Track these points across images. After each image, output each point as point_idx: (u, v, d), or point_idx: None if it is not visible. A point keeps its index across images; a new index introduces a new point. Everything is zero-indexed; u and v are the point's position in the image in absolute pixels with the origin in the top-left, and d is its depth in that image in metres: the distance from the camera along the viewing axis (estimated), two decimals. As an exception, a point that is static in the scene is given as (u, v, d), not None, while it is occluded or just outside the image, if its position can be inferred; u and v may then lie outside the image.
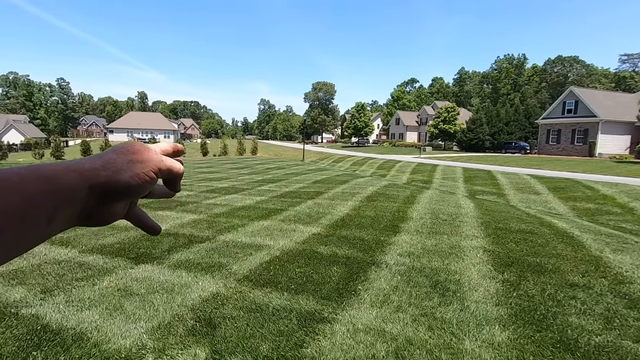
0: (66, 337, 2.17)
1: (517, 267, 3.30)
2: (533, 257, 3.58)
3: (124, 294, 2.77)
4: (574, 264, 3.39)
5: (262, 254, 3.69)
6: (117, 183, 0.31)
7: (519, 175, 14.56)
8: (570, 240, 4.22)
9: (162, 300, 2.66)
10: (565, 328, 2.30)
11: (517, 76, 73.69)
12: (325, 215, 5.45)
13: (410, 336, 2.21)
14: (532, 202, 9.21)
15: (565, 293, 2.79)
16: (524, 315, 2.46)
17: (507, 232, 4.53)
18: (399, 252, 3.74)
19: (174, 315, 2.45)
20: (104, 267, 3.31)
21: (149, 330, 2.26)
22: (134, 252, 3.74)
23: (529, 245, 3.98)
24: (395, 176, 16.17)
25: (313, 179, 10.50)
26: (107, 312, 2.49)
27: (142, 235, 4.39)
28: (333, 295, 2.76)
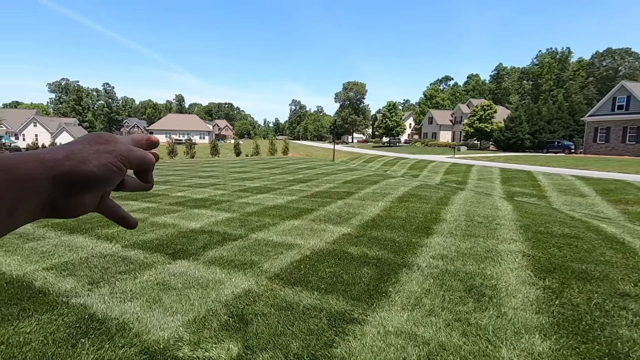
0: (110, 327, 2.31)
1: (560, 274, 3.12)
2: (578, 263, 3.37)
3: (162, 287, 2.91)
4: (625, 272, 3.15)
5: (292, 253, 3.73)
6: (82, 173, 0.31)
7: (562, 176, 13.73)
8: (621, 246, 3.92)
9: (197, 295, 2.76)
10: (615, 341, 2.14)
11: (561, 71, 69.46)
12: (355, 216, 5.42)
13: (443, 341, 2.15)
14: (577, 205, 8.65)
15: (615, 303, 2.60)
16: (567, 325, 2.32)
17: (549, 236, 4.29)
18: (431, 254, 3.65)
19: (209, 310, 2.54)
20: (144, 262, 3.49)
21: (185, 324, 2.36)
22: (172, 248, 3.91)
23: (573, 250, 3.74)
24: (428, 177, 15.78)
25: (343, 179, 10.47)
26: (147, 304, 2.62)
27: (179, 232, 4.59)
28: (363, 296, 2.74)
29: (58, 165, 0.30)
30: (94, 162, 0.31)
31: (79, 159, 0.31)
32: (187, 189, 8.76)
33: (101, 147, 0.33)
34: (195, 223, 5.09)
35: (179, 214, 5.70)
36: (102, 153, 0.32)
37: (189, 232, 4.58)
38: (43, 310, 2.53)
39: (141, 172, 0.37)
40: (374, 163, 24.68)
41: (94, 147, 0.33)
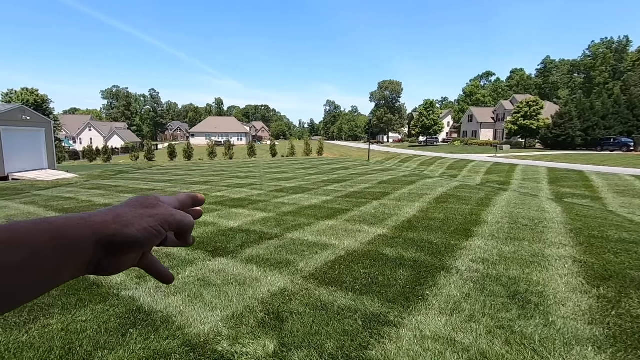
0: (156, 319, 2.45)
1: (616, 282, 2.87)
2: (638, 271, 3.08)
3: (202, 283, 3.04)
4: (695, 282, 2.84)
5: (327, 253, 3.74)
6: (125, 236, 0.33)
7: (620, 176, 12.63)
8: (690, 253, 3.54)
9: (235, 292, 2.85)
10: (682, 358, 1.93)
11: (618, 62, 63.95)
12: (391, 217, 5.34)
13: (484, 349, 2.05)
14: (636, 208, 7.92)
15: (683, 316, 2.35)
16: (625, 337, 2.13)
17: (604, 241, 3.96)
18: (471, 257, 3.50)
19: (246, 307, 2.61)
20: (186, 258, 3.66)
21: (224, 319, 2.44)
22: (212, 246, 4.06)
23: (632, 257, 3.43)
24: (468, 177, 15.16)
25: (378, 180, 10.34)
26: (188, 299, 2.75)
27: (219, 230, 4.76)
28: (399, 298, 2.69)
29: (104, 228, 0.32)
30: (137, 226, 0.34)
31: (124, 222, 0.33)
32: (226, 189, 9.07)
33: (145, 212, 0.35)
34: (234, 222, 5.25)
35: (218, 213, 5.92)
36: (145, 217, 0.35)
37: (227, 231, 4.74)
38: (97, 301, 2.73)
39: (180, 234, 0.39)
40: (410, 163, 24.14)
41: (138, 210, 0.35)
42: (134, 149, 34.69)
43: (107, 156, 34.03)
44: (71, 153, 39.31)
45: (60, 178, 13.63)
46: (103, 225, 0.32)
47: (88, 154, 35.95)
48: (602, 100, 37.70)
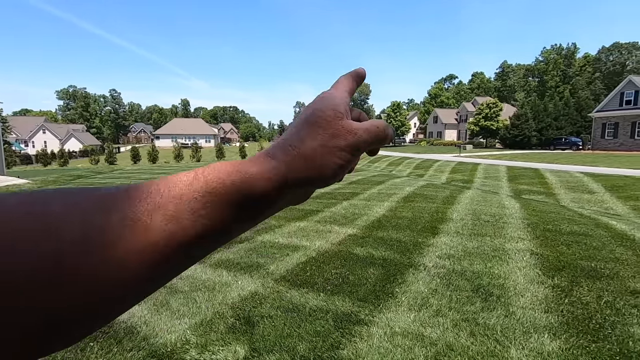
0: (118, 330, 2.33)
1: (569, 272, 3.08)
2: (587, 261, 3.32)
3: (169, 291, 2.93)
4: (636, 269, 3.10)
5: (298, 255, 3.73)
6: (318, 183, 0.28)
7: (571, 173, 13.57)
8: (631, 243, 3.86)
9: (204, 298, 2.78)
10: (626, 339, 2.11)
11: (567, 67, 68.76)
12: (361, 216, 5.41)
13: (450, 342, 2.13)
14: (585, 202, 8.54)
15: (626, 301, 2.56)
16: (577, 323, 2.29)
17: (557, 234, 4.24)
18: (438, 254, 3.62)
19: (215, 313, 2.55)
20: (152, 266, 3.51)
21: (192, 326, 2.37)
22: (178, 252, 3.93)
23: (582, 248, 3.69)
24: (434, 176, 15.69)
25: (348, 180, 10.46)
26: (154, 307, 2.64)
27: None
28: (370, 297, 2.73)
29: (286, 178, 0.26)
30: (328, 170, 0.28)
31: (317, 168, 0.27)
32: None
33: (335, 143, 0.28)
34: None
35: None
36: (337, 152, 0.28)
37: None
38: (53, 314, 2.56)
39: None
40: (379, 163, 24.63)
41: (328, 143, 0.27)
42: (94, 152, 32.96)
43: (64, 160, 32.06)
44: (23, 157, 36.71)
45: (10, 184, 12.67)
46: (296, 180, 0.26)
47: (42, 158, 33.67)
48: (554, 103, 40.39)
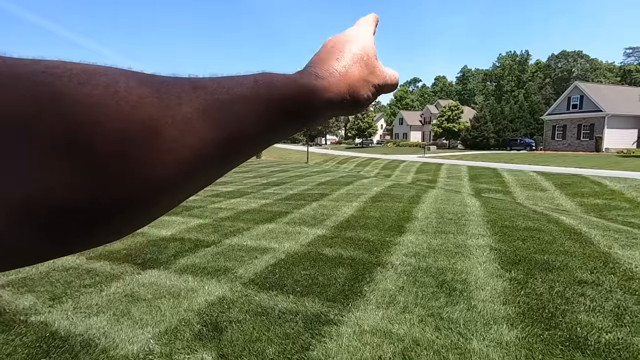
0: (74, 344, 2.19)
1: (524, 265, 3.27)
2: (540, 254, 3.55)
3: (131, 299, 2.79)
4: (583, 260, 3.36)
5: (267, 257, 3.69)
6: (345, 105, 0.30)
7: (525, 172, 14.44)
8: (578, 236, 4.17)
9: (168, 305, 2.67)
10: (575, 326, 2.27)
11: (521, 73, 73.24)
12: (330, 217, 5.45)
13: (417, 337, 2.19)
14: (538, 199, 9.13)
15: (574, 290, 2.76)
16: (532, 313, 2.44)
17: (514, 229, 4.49)
18: (404, 252, 3.72)
19: (181, 320, 2.46)
20: (111, 273, 3.34)
21: (156, 335, 2.27)
22: (141, 258, 3.76)
23: (536, 242, 3.94)
24: (400, 176, 16.12)
25: (317, 181, 10.50)
26: (114, 318, 2.51)
27: (149, 240, 4.43)
28: (339, 297, 2.76)
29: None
30: (363, 95, 0.31)
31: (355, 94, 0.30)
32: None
33: (369, 78, 0.31)
34: (166, 231, 4.93)
35: (148, 222, 5.50)
36: (370, 85, 0.31)
37: (159, 240, 4.43)
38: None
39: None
40: (347, 164, 24.93)
41: (364, 71, 0.31)
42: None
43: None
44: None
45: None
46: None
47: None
48: (510, 106, 42.86)
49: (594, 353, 2.00)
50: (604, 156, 25.14)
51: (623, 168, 16.65)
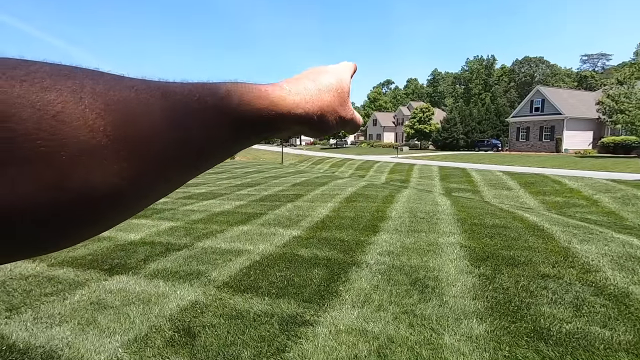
0: (35, 356, 2.07)
1: (492, 261, 3.41)
2: (507, 250, 3.71)
3: (97, 307, 2.67)
4: (545, 255, 3.54)
5: (242, 260, 3.64)
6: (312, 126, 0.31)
7: (492, 172, 15.06)
8: (541, 232, 4.40)
9: (138, 312, 2.57)
10: (538, 318, 2.39)
11: (487, 76, 76.34)
12: (305, 218, 5.44)
13: (391, 334, 2.23)
14: (504, 198, 9.54)
15: (538, 284, 2.90)
16: (499, 307, 2.54)
17: (482, 227, 4.67)
18: (378, 251, 3.78)
19: (151, 327, 2.38)
20: (76, 281, 3.17)
21: (124, 344, 2.18)
22: (108, 263, 3.60)
23: (502, 239, 4.11)
24: (374, 176, 16.37)
25: (292, 182, 10.46)
26: (79, 327, 2.39)
27: (116, 245, 4.25)
28: (315, 297, 2.76)
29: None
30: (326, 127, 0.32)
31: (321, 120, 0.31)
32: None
33: (340, 110, 0.33)
34: (135, 234, 4.74)
35: (116, 226, 5.27)
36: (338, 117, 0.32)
37: (127, 245, 4.26)
38: (-53, 346, 2.18)
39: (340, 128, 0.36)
40: (322, 165, 25.02)
41: (335, 102, 0.32)
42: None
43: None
44: None
45: None
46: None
47: None
48: (477, 108, 44.55)
49: (556, 343, 2.11)
50: (563, 156, 26.68)
51: (580, 168, 17.74)
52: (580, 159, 23.09)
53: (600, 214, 7.30)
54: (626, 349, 2.02)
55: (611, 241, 3.98)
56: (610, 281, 2.90)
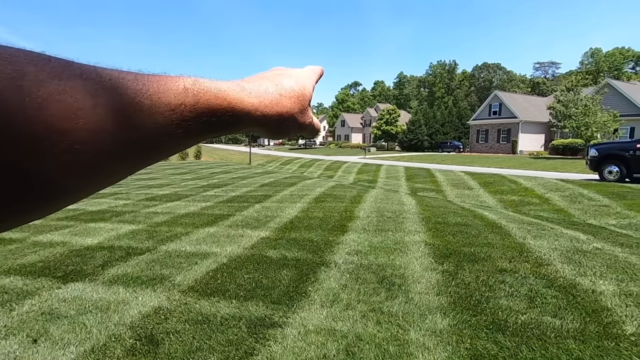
0: (-24, 374, 1.89)
1: (454, 258, 3.55)
2: (468, 247, 3.88)
3: (49, 317, 2.49)
4: (502, 251, 3.74)
5: (208, 262, 3.54)
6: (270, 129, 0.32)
7: (454, 172, 15.70)
8: (499, 229, 4.64)
9: (95, 321, 2.43)
10: (497, 310, 2.52)
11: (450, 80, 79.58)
12: (273, 219, 5.40)
13: (359, 332, 2.27)
14: (466, 197, 9.98)
15: (496, 278, 3.06)
16: (461, 302, 2.65)
17: (445, 225, 4.86)
18: (347, 251, 3.82)
19: (110, 336, 2.25)
20: (24, 290, 2.94)
21: (80, 355, 2.05)
22: (61, 270, 3.37)
23: (464, 236, 4.30)
24: (342, 177, 16.54)
25: (260, 182, 10.34)
26: (28, 340, 2.22)
27: (71, 250, 3.99)
28: (283, 298, 2.74)
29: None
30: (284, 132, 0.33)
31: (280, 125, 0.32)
32: (80, 201, 7.66)
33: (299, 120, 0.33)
34: (92, 239, 4.48)
35: (70, 230, 4.96)
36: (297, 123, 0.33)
37: (83, 250, 4.01)
38: None
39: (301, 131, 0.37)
40: (290, 165, 24.92)
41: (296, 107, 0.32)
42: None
43: None
44: None
45: None
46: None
47: None
48: (440, 111, 46.30)
49: (513, 333, 2.24)
50: (519, 157, 28.34)
51: (534, 168, 18.93)
52: (533, 160, 24.66)
53: (551, 211, 7.82)
54: (573, 336, 2.18)
55: (560, 236, 4.29)
56: (560, 274, 3.11)
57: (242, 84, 0.29)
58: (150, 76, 0.22)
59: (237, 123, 0.27)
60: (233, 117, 0.26)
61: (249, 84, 0.29)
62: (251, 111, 0.28)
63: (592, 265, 3.29)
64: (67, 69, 0.17)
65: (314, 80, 0.38)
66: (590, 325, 2.30)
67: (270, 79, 0.32)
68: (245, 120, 0.27)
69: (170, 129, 0.22)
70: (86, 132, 0.17)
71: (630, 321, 2.33)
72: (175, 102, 0.22)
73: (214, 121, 0.25)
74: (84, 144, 0.17)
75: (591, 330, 2.24)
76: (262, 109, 0.29)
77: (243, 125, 0.28)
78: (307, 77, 0.36)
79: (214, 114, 0.25)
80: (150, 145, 0.21)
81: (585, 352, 2.03)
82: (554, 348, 2.07)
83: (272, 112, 0.30)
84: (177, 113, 0.22)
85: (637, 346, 2.07)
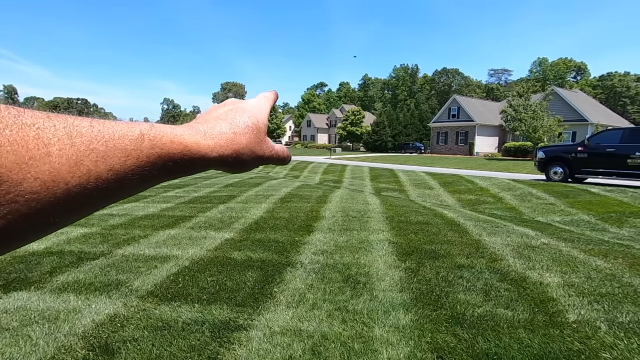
0: None
1: (416, 255, 3.68)
2: (429, 244, 4.03)
3: (-13, 331, 2.27)
4: (460, 247, 3.93)
5: (169, 266, 3.41)
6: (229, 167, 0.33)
7: (416, 172, 16.26)
8: (457, 227, 4.87)
9: (42, 332, 2.26)
10: (455, 304, 2.64)
11: (412, 84, 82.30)
12: (238, 220, 5.29)
13: (325, 331, 2.28)
14: (427, 196, 10.37)
15: (455, 274, 3.21)
16: (422, 297, 2.75)
17: (408, 224, 5.02)
18: (313, 250, 3.83)
19: (59, 347, 2.10)
20: (-42, 301, 2.66)
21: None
22: (2, 278, 3.09)
23: (425, 234, 4.46)
24: (308, 177, 16.57)
25: (224, 183, 10.10)
26: (-38, 356, 2.01)
27: (14, 256, 3.67)
28: (248, 300, 2.70)
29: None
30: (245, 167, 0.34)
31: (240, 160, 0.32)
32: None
33: (258, 150, 0.34)
34: (38, 244, 4.14)
35: (13, 235, 4.55)
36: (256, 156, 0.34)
37: (28, 256, 3.70)
38: None
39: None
40: (256, 165, 24.57)
41: (252, 143, 0.33)
42: None
43: None
44: None
45: None
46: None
47: None
48: (403, 113, 47.76)
49: (470, 326, 2.36)
50: (475, 159, 29.89)
51: (489, 169, 20.05)
52: (488, 161, 26.13)
53: (504, 209, 8.32)
54: (524, 326, 2.33)
55: (512, 233, 4.58)
56: (512, 268, 3.32)
57: (197, 127, 0.29)
58: (106, 122, 0.22)
59: (194, 165, 0.28)
60: (190, 160, 0.27)
61: (203, 125, 0.30)
62: (207, 153, 0.28)
63: (540, 260, 3.55)
64: (18, 118, 0.17)
65: (268, 108, 0.39)
66: (539, 315, 2.47)
67: (223, 118, 0.33)
68: (203, 162, 0.28)
69: (126, 174, 0.22)
70: (38, 181, 0.17)
71: (572, 310, 2.54)
72: (131, 148, 0.22)
73: (171, 165, 0.25)
74: (36, 194, 0.17)
75: (539, 319, 2.42)
76: (218, 150, 0.30)
77: (200, 166, 0.29)
78: (259, 109, 0.37)
79: (171, 159, 0.25)
80: (105, 191, 0.22)
81: (534, 340, 2.18)
82: (506, 338, 2.21)
83: (228, 151, 0.31)
84: (132, 158, 0.22)
85: (579, 332, 2.25)
